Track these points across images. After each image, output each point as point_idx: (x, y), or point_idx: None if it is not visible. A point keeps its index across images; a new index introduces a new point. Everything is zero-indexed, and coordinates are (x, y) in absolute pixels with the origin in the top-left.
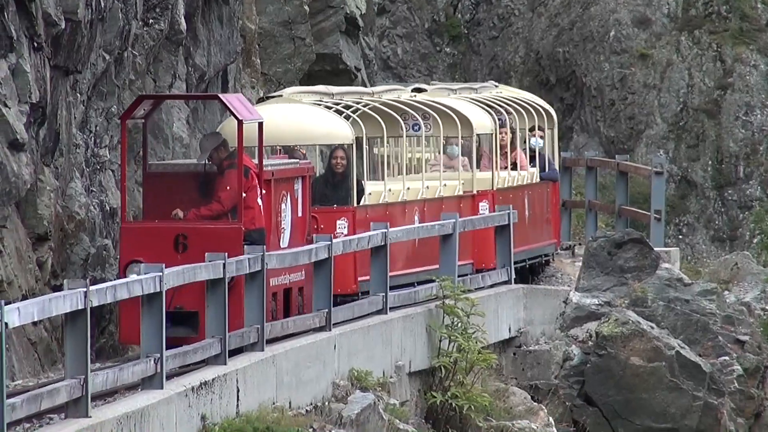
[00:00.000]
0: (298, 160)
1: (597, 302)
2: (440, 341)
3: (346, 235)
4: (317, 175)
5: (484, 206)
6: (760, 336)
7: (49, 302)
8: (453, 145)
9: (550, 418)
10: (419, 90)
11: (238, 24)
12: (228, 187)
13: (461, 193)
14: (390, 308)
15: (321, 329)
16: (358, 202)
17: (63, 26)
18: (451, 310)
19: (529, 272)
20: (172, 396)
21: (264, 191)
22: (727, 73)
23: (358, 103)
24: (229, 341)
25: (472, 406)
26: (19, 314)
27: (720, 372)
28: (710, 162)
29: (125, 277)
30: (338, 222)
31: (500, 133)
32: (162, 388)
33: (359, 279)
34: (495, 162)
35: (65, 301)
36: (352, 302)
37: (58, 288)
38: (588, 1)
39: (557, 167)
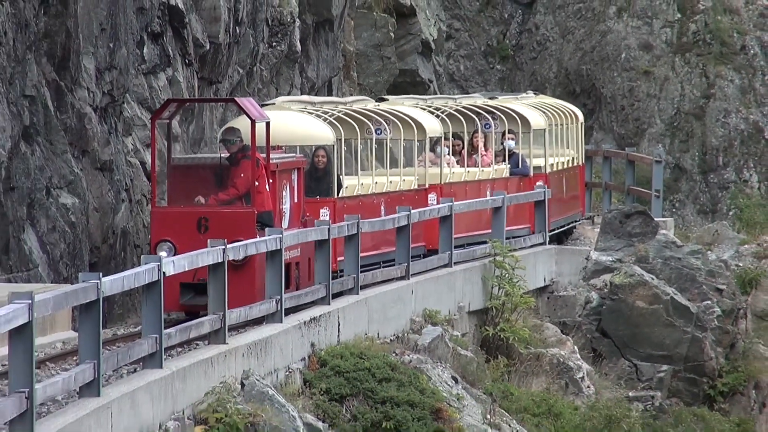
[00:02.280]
0: (294, 155)
1: (611, 259)
2: (492, 288)
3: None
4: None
5: (432, 197)
6: (735, 285)
7: (196, 257)
8: (439, 146)
9: (575, 347)
10: (382, 99)
11: (340, 46)
12: (242, 175)
13: (416, 186)
14: (454, 263)
15: (402, 278)
16: (337, 194)
17: (208, 47)
18: (500, 264)
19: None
20: (289, 328)
21: (271, 180)
22: (710, 86)
23: (333, 110)
24: (332, 287)
25: (516, 338)
26: (173, 266)
27: (704, 313)
28: (697, 153)
29: (156, 253)
30: (321, 210)
31: (474, 136)
32: (281, 322)
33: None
34: (441, 160)
35: (208, 256)
36: (426, 258)
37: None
38: (605, 30)
39: (529, 164)
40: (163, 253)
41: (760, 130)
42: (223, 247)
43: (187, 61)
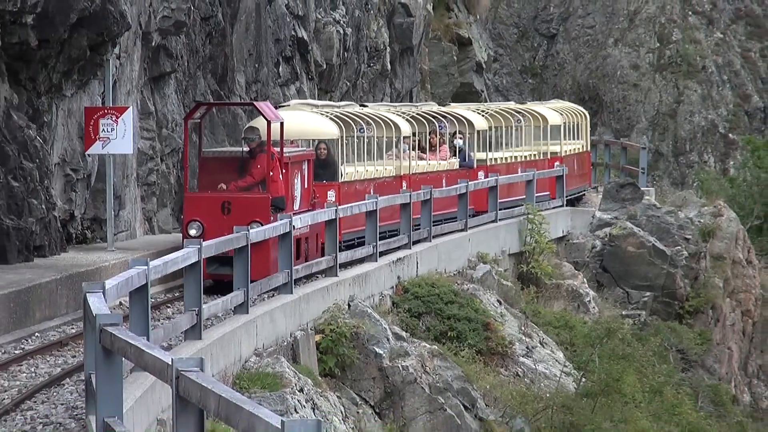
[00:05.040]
0: (305, 148)
1: (610, 217)
2: (525, 237)
3: (333, 202)
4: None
5: (404, 185)
6: (697, 235)
7: (316, 214)
8: (402, 143)
9: (584, 279)
10: (364, 105)
11: (418, 66)
12: (258, 166)
13: (393, 175)
14: (499, 219)
15: (462, 230)
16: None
17: (324, 67)
18: (531, 220)
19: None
20: (382, 266)
21: (284, 171)
22: (680, 95)
23: (331, 111)
24: (413, 236)
25: (542, 272)
26: (300, 221)
27: (676, 255)
28: (671, 142)
29: (188, 232)
30: (328, 192)
31: (430, 135)
32: (377, 261)
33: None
34: (409, 155)
35: (325, 214)
36: (479, 216)
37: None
38: (606, 55)
39: (474, 158)
40: (193, 231)
41: (716, 126)
42: (335, 208)
43: (309, 77)
